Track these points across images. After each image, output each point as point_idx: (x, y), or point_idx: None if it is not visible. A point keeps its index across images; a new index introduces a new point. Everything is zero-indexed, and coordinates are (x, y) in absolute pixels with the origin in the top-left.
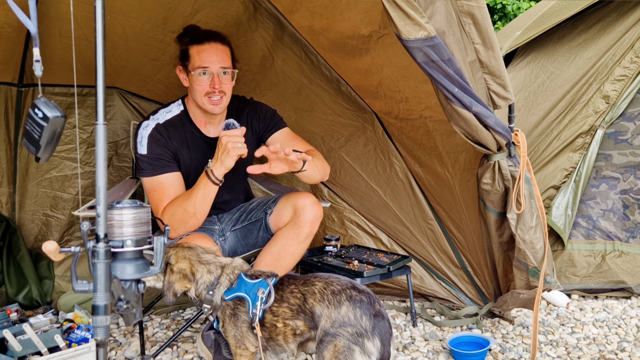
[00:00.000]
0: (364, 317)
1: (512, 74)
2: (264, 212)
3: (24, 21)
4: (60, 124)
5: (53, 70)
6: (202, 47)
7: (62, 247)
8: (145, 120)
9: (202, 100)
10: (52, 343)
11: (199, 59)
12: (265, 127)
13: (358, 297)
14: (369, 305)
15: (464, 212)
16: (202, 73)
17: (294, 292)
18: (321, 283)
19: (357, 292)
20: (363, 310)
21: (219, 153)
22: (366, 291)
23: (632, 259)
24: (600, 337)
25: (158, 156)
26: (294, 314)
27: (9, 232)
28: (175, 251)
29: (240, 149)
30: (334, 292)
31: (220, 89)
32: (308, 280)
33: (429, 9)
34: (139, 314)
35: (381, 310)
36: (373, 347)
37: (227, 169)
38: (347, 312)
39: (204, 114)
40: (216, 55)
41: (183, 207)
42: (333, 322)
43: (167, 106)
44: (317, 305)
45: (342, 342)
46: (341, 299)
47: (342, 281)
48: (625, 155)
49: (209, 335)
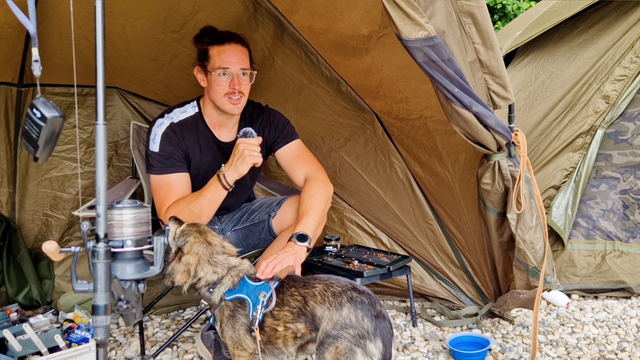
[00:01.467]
0: (365, 319)
1: (512, 74)
2: (268, 215)
3: (23, 21)
4: (59, 124)
5: (53, 70)
6: (223, 47)
7: (62, 247)
8: (160, 118)
9: (221, 100)
10: (52, 343)
11: (219, 59)
12: (276, 138)
13: (359, 298)
14: (370, 306)
15: (464, 212)
16: (222, 74)
17: (294, 294)
18: (321, 285)
19: (357, 294)
20: (364, 312)
21: (234, 159)
22: (367, 292)
23: (632, 259)
24: (600, 337)
25: (169, 155)
26: (294, 317)
27: (9, 232)
28: (193, 242)
29: (256, 157)
30: (335, 294)
31: (240, 89)
32: (308, 283)
33: (429, 9)
34: (139, 314)
35: (382, 311)
36: (375, 349)
37: (240, 175)
38: (348, 313)
39: (220, 116)
40: (236, 56)
41: (189, 208)
42: (335, 324)
43: (181, 106)
44: (318, 308)
45: (344, 344)
46: (342, 300)
47: (342, 283)
48: (625, 155)
49: (209, 336)
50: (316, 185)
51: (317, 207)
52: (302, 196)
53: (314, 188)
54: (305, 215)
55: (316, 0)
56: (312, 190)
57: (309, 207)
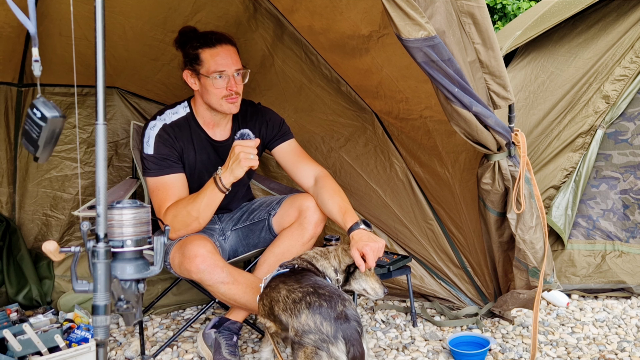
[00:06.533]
0: (324, 323)
1: (512, 74)
2: (268, 213)
3: (23, 21)
4: (59, 124)
5: (53, 70)
6: (215, 50)
7: (62, 247)
8: (152, 120)
9: (219, 103)
10: (52, 343)
11: (214, 63)
12: (272, 136)
13: (317, 302)
14: (330, 309)
15: (464, 212)
16: (218, 77)
17: (263, 299)
18: (285, 291)
19: (316, 297)
20: (323, 316)
21: (229, 162)
22: (328, 295)
23: (632, 259)
24: (600, 337)
25: (164, 156)
26: (269, 318)
27: (9, 232)
28: None
29: (252, 160)
30: (295, 301)
31: (236, 90)
32: (276, 287)
33: (429, 9)
34: (139, 314)
35: (345, 311)
36: (338, 351)
37: (236, 178)
38: (306, 320)
39: (214, 116)
40: (230, 57)
41: (187, 210)
42: (296, 331)
43: (172, 107)
44: (282, 314)
45: (309, 348)
46: (300, 307)
47: (303, 287)
48: (625, 155)
49: (210, 334)
50: (331, 181)
51: (346, 199)
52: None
53: (332, 185)
54: (347, 208)
55: (316, 0)
56: (333, 187)
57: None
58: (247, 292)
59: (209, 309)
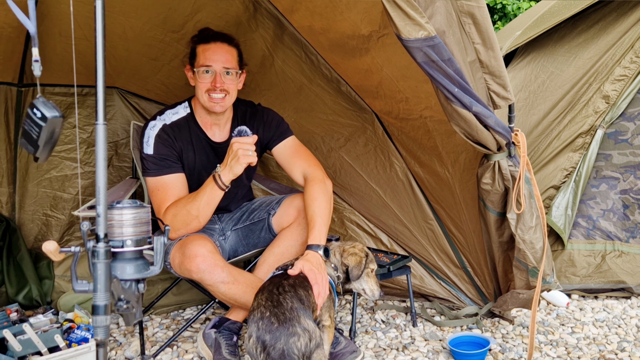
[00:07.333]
0: (253, 335)
1: (512, 74)
2: (267, 213)
3: (23, 21)
4: (59, 124)
5: (53, 70)
6: (208, 46)
7: (62, 247)
8: (152, 120)
9: (203, 98)
10: (52, 343)
11: (203, 57)
12: (271, 136)
13: (251, 315)
14: (260, 320)
15: (464, 212)
16: (205, 71)
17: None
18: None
19: (256, 310)
20: (252, 330)
21: (228, 159)
22: (283, 315)
23: (632, 259)
24: (600, 337)
25: (164, 156)
26: None
27: (9, 232)
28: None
29: (251, 157)
30: (253, 308)
31: (222, 87)
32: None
33: (429, 9)
34: (139, 314)
35: (273, 319)
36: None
37: (235, 175)
38: (250, 332)
39: (209, 116)
40: (220, 54)
41: (186, 209)
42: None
43: (173, 107)
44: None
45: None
46: (253, 316)
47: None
48: (625, 155)
49: (210, 334)
50: (316, 185)
51: (323, 209)
52: (306, 200)
53: (314, 189)
54: (317, 222)
55: (316, 0)
56: (313, 192)
57: (316, 211)
58: (247, 291)
59: (209, 309)
